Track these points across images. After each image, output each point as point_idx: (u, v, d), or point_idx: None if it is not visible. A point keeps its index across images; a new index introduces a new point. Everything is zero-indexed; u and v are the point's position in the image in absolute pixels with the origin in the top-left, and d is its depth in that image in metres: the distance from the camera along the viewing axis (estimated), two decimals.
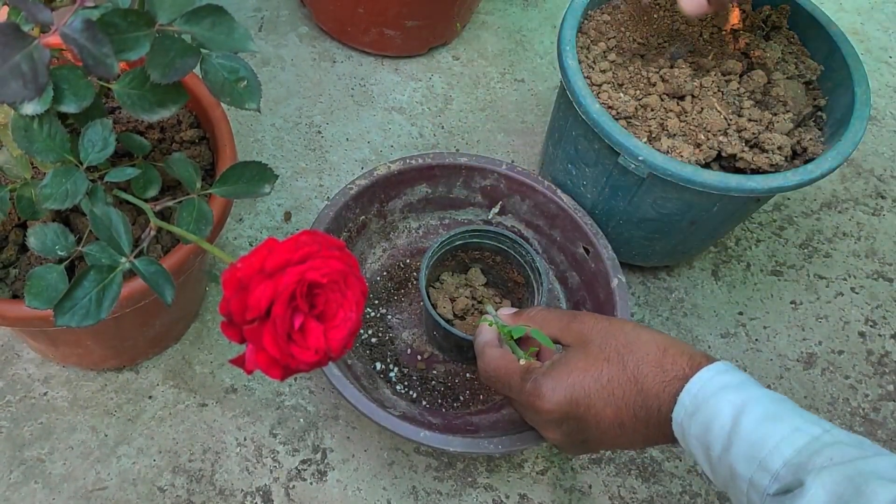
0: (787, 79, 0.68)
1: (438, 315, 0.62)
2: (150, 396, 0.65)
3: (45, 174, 0.43)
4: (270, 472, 0.63)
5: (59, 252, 0.44)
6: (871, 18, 1.06)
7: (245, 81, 0.43)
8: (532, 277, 0.65)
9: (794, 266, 0.82)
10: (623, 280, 0.65)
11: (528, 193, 0.71)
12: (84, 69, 0.39)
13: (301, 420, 0.66)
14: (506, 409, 0.65)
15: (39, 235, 0.44)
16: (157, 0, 0.40)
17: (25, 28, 0.36)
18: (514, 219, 0.74)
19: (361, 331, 0.69)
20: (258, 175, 0.49)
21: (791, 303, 0.79)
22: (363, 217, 0.70)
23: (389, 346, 0.68)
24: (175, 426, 0.64)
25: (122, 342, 0.61)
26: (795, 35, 0.73)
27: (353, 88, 0.88)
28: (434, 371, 0.68)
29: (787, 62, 0.70)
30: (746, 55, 0.70)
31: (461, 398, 0.67)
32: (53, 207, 0.43)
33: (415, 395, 0.66)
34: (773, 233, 0.84)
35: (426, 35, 0.89)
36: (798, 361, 0.75)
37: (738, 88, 0.66)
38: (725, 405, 0.43)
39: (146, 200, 0.49)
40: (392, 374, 0.67)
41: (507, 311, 0.58)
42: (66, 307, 0.41)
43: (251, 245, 0.75)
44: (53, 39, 0.37)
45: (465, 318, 0.67)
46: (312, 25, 0.92)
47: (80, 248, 0.44)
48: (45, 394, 0.64)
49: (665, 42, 0.70)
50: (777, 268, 0.81)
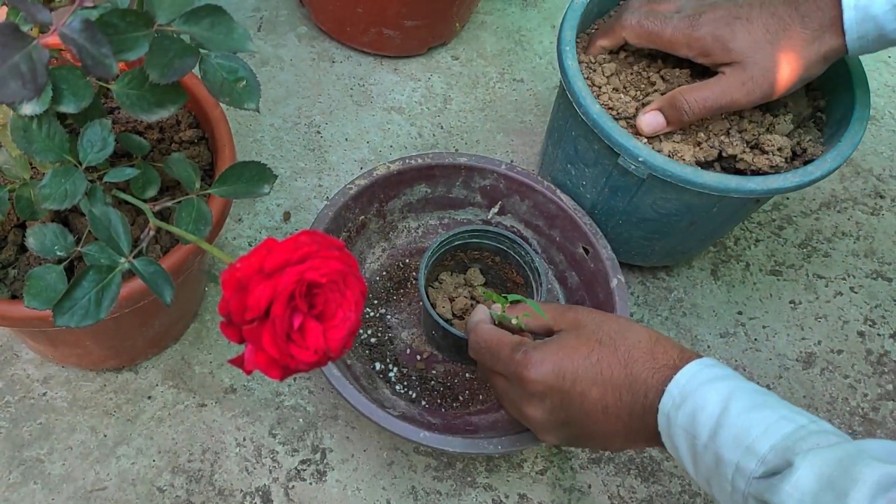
0: None
1: (437, 315, 0.62)
2: (150, 397, 0.65)
3: (44, 174, 0.43)
4: (270, 473, 0.63)
5: (59, 252, 0.44)
6: None
7: (244, 81, 0.43)
8: (531, 277, 0.65)
9: (794, 266, 0.82)
10: (622, 280, 0.65)
11: (528, 193, 0.71)
12: (83, 69, 0.39)
13: (300, 420, 0.66)
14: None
15: (38, 236, 0.44)
16: (156, 0, 0.40)
17: (24, 28, 0.36)
18: (514, 219, 0.74)
19: (361, 331, 0.69)
20: (257, 175, 0.49)
21: (790, 302, 0.79)
22: (362, 217, 0.70)
23: (389, 346, 0.68)
24: (174, 426, 0.64)
25: (122, 342, 0.61)
26: None
27: (353, 88, 0.88)
28: (433, 371, 0.68)
29: None
30: None
31: (460, 398, 0.67)
32: (52, 208, 0.43)
33: (414, 395, 0.66)
34: (773, 232, 0.84)
35: (425, 35, 0.89)
36: (797, 361, 0.75)
37: None
38: (713, 395, 0.44)
39: (145, 201, 0.49)
40: (391, 374, 0.67)
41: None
42: (66, 307, 0.41)
43: (250, 245, 0.75)
44: (52, 39, 0.37)
45: (464, 318, 0.67)
46: (311, 25, 0.92)
47: (80, 249, 0.44)
48: (45, 394, 0.64)
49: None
50: (776, 267, 0.81)
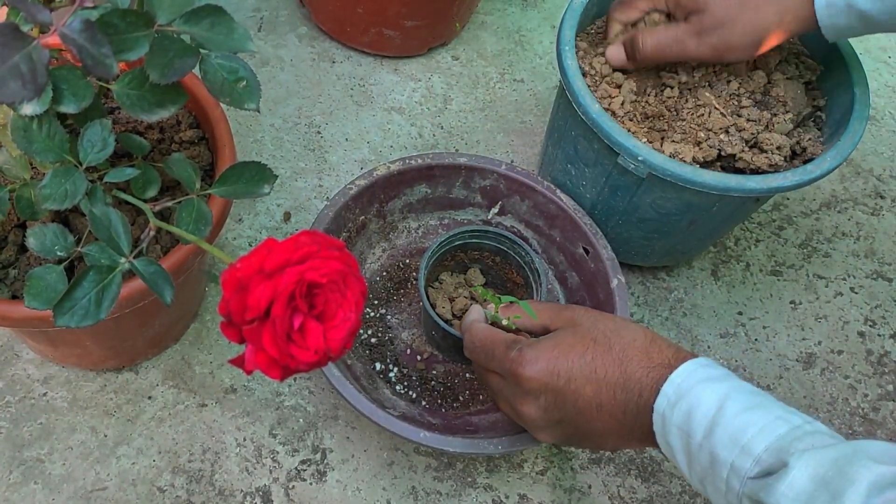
0: (787, 79, 0.68)
1: (437, 315, 0.62)
2: (150, 397, 0.65)
3: (45, 174, 0.43)
4: (270, 473, 0.63)
5: (59, 252, 0.44)
6: None
7: (244, 82, 0.43)
8: (531, 278, 0.65)
9: (794, 266, 0.82)
10: (622, 280, 0.65)
11: (528, 194, 0.71)
12: (83, 69, 0.39)
13: (301, 420, 0.66)
14: None
15: (39, 236, 0.44)
16: (157, 0, 0.40)
17: (24, 28, 0.36)
18: (514, 219, 0.74)
19: (361, 331, 0.69)
20: (257, 175, 0.49)
21: (790, 303, 0.79)
22: (363, 217, 0.70)
23: (389, 347, 0.68)
24: (174, 426, 0.64)
25: (122, 342, 0.62)
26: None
27: (353, 89, 0.88)
28: (433, 371, 0.68)
29: (787, 62, 0.70)
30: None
31: (461, 398, 0.67)
32: (53, 208, 0.43)
33: (414, 396, 0.66)
34: (773, 233, 0.84)
35: (425, 35, 0.89)
36: (797, 361, 0.75)
37: (738, 88, 0.66)
38: (709, 394, 0.44)
39: (145, 201, 0.49)
40: (391, 375, 0.67)
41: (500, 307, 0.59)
42: (66, 307, 0.41)
43: (250, 245, 0.75)
44: (52, 40, 0.37)
45: None
46: (311, 25, 0.92)
47: (80, 249, 0.44)
48: (45, 394, 0.64)
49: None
50: (776, 268, 0.81)
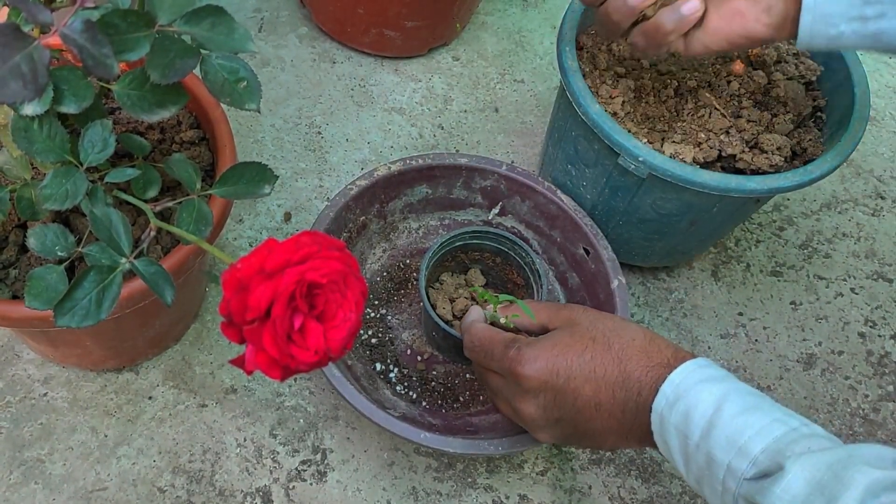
0: (787, 79, 0.68)
1: (438, 316, 0.62)
2: (150, 397, 0.65)
3: (45, 175, 0.43)
4: (270, 473, 0.63)
5: (59, 253, 0.44)
6: None
7: (245, 82, 0.43)
8: (532, 279, 0.65)
9: (794, 267, 0.82)
10: (623, 281, 0.65)
11: (528, 194, 0.71)
12: (84, 70, 0.39)
13: (301, 421, 0.66)
14: None
15: (39, 236, 0.44)
16: (157, 1, 0.40)
17: (25, 29, 0.36)
18: (514, 219, 0.74)
19: (361, 331, 0.69)
20: (258, 176, 0.49)
21: (791, 303, 0.79)
22: (363, 218, 0.70)
23: (389, 347, 0.68)
24: (175, 427, 0.64)
25: (122, 343, 0.62)
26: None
27: (353, 89, 0.88)
28: (434, 372, 0.68)
29: (787, 63, 0.70)
30: (747, 56, 0.70)
31: (461, 399, 0.67)
32: (53, 208, 0.43)
33: (415, 396, 0.66)
34: (773, 233, 0.84)
35: (426, 36, 0.89)
36: (798, 362, 0.75)
37: (739, 89, 0.66)
38: (707, 395, 0.44)
39: (146, 201, 0.49)
40: (392, 375, 0.67)
41: (498, 306, 0.59)
42: (66, 308, 0.41)
43: (251, 246, 0.75)
44: (53, 40, 0.37)
45: None
46: (312, 26, 0.92)
47: (80, 249, 0.44)
48: (45, 394, 0.64)
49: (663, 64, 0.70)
50: (777, 268, 0.81)
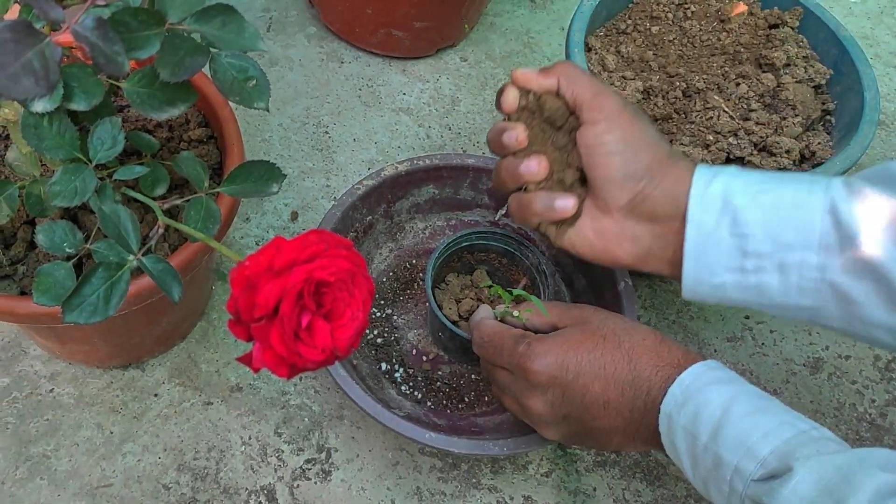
0: (797, 82, 0.68)
1: (444, 316, 0.62)
2: (156, 394, 0.66)
3: (55, 171, 0.43)
4: (275, 471, 0.63)
5: (68, 249, 0.45)
6: (881, 23, 1.05)
7: (254, 81, 0.43)
8: (538, 280, 0.65)
9: None
10: (629, 283, 0.65)
11: None
12: (94, 67, 0.39)
13: (306, 419, 0.66)
14: None
15: (48, 232, 0.45)
16: None
17: (37, 26, 0.36)
18: None
19: (367, 331, 0.69)
20: (266, 174, 0.49)
21: None
22: (370, 217, 0.70)
23: (395, 347, 0.68)
24: (180, 424, 0.64)
25: (129, 340, 0.62)
26: (805, 39, 0.72)
27: (361, 89, 0.88)
28: (439, 372, 0.68)
29: (797, 66, 0.69)
30: (756, 58, 0.70)
31: (466, 399, 0.66)
32: (62, 205, 0.43)
33: (420, 396, 0.66)
34: None
35: (434, 36, 0.89)
36: (804, 366, 0.75)
37: (748, 91, 0.66)
38: (716, 397, 0.44)
39: (154, 198, 0.49)
40: (397, 375, 0.67)
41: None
42: (74, 304, 0.41)
43: (258, 244, 0.75)
44: (64, 37, 0.37)
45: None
46: (320, 26, 0.92)
47: (89, 246, 0.44)
48: (52, 390, 0.65)
49: (673, 66, 0.70)
50: None
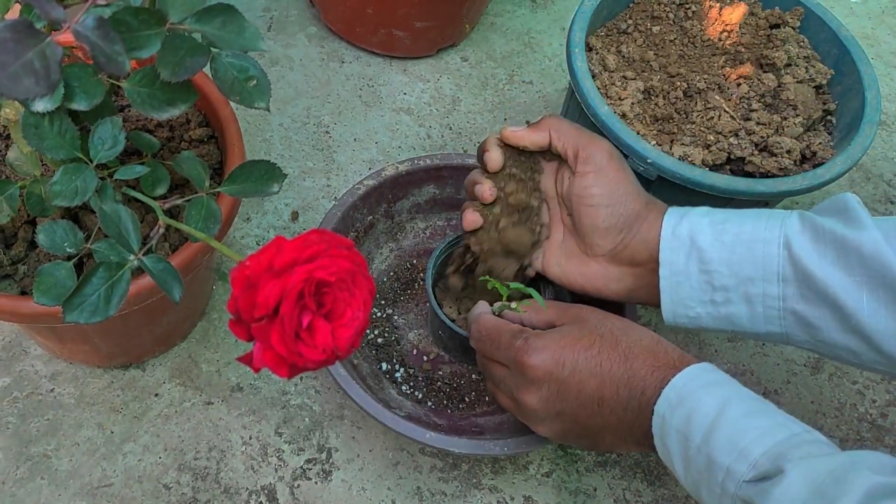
0: (798, 83, 0.68)
1: (444, 315, 0.62)
2: (157, 394, 0.66)
3: (55, 171, 0.43)
4: (275, 471, 0.63)
5: (68, 249, 0.45)
6: (883, 23, 1.05)
7: (255, 80, 0.43)
8: (538, 280, 0.65)
9: None
10: None
11: None
12: (95, 67, 0.39)
13: (306, 419, 0.66)
14: None
15: (48, 232, 0.45)
16: None
17: (38, 25, 0.36)
18: None
19: (368, 331, 0.69)
20: (266, 174, 0.49)
21: None
22: (371, 217, 0.70)
23: (395, 347, 0.68)
24: (181, 424, 0.64)
25: (130, 340, 0.62)
26: (806, 39, 0.72)
27: (362, 89, 0.88)
28: (440, 372, 0.68)
29: (798, 66, 0.69)
30: (757, 58, 0.70)
31: (467, 399, 0.66)
32: (63, 204, 0.43)
33: (420, 396, 0.66)
34: None
35: (435, 36, 0.89)
36: (805, 366, 0.75)
37: (748, 92, 0.66)
38: (710, 399, 0.44)
39: (155, 198, 0.49)
40: (398, 375, 0.67)
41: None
42: (75, 304, 0.41)
43: (258, 244, 0.75)
44: (65, 37, 0.37)
45: None
46: (321, 26, 0.92)
47: (89, 245, 0.44)
48: (52, 390, 0.65)
49: (673, 66, 0.69)
50: None
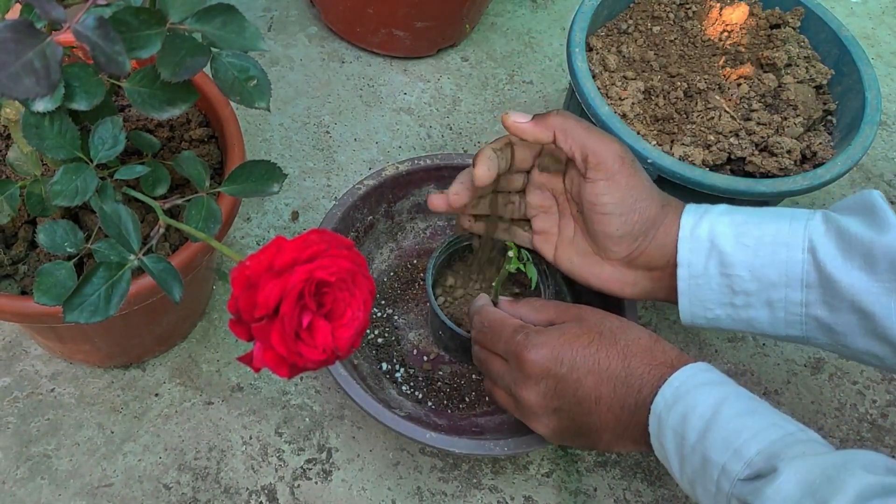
0: (798, 83, 0.68)
1: (445, 315, 0.62)
2: (157, 394, 0.66)
3: (56, 171, 0.43)
4: (276, 471, 0.63)
5: (69, 249, 0.45)
6: (883, 23, 1.05)
7: (255, 80, 0.43)
8: (539, 279, 0.65)
9: None
10: None
11: None
12: (95, 67, 0.39)
13: (307, 419, 0.66)
14: None
15: (49, 232, 0.45)
16: None
17: (38, 25, 0.36)
18: None
19: (368, 331, 0.69)
20: (267, 174, 0.49)
21: None
22: (371, 217, 0.70)
23: (396, 347, 0.68)
24: (181, 424, 0.64)
25: (130, 339, 0.62)
26: (806, 39, 0.72)
27: (362, 89, 0.88)
28: (440, 372, 0.68)
29: (798, 66, 0.69)
30: (757, 58, 0.70)
31: (467, 399, 0.66)
32: (63, 204, 0.43)
33: (420, 396, 0.66)
34: None
35: (435, 36, 0.89)
36: (805, 367, 0.75)
37: (749, 92, 0.66)
38: (706, 398, 0.45)
39: (155, 198, 0.49)
40: (398, 375, 0.67)
41: (505, 300, 0.59)
42: (75, 304, 0.41)
43: (259, 244, 0.75)
44: (66, 37, 0.37)
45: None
46: (321, 25, 0.92)
47: (89, 245, 0.44)
48: (53, 390, 0.65)
49: (674, 66, 0.69)
50: None
